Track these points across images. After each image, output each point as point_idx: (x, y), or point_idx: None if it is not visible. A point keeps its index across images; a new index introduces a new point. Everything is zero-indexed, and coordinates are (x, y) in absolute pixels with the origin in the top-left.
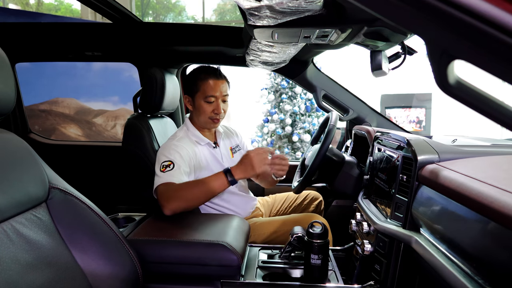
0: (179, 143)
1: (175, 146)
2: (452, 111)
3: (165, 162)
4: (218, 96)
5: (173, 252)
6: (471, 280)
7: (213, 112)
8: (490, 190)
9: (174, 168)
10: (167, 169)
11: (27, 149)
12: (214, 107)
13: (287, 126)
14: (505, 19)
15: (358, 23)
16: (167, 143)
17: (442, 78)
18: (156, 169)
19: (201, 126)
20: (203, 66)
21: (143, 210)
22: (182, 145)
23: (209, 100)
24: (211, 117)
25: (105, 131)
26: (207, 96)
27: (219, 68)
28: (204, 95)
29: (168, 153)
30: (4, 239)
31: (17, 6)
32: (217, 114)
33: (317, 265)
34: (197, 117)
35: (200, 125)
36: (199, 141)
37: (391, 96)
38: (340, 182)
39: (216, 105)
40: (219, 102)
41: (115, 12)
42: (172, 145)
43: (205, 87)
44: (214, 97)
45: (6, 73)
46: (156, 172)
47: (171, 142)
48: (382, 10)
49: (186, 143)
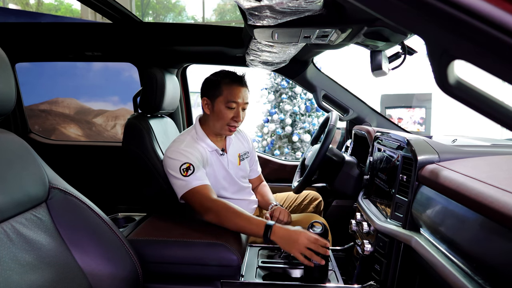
0: (188, 149)
1: (185, 151)
2: (452, 111)
3: (183, 166)
4: (240, 103)
5: (173, 252)
6: (471, 280)
7: (232, 119)
8: (490, 190)
9: (195, 171)
10: (189, 172)
11: (27, 149)
12: (235, 114)
13: (287, 126)
14: (505, 19)
15: (358, 23)
16: (175, 148)
17: (442, 78)
18: (175, 174)
19: (215, 132)
20: (228, 71)
21: (143, 210)
22: (191, 150)
23: (230, 105)
24: (229, 124)
25: (105, 131)
26: (230, 102)
27: (244, 75)
28: (226, 100)
29: (181, 157)
30: (4, 239)
31: (17, 6)
32: (236, 122)
33: (317, 265)
34: (214, 121)
35: (214, 131)
36: (207, 148)
37: (391, 96)
38: (340, 182)
39: (237, 112)
40: (240, 109)
41: (115, 12)
42: (182, 150)
43: (229, 92)
44: (236, 103)
45: (6, 73)
46: (178, 177)
47: (180, 147)
48: (382, 10)
49: (194, 148)
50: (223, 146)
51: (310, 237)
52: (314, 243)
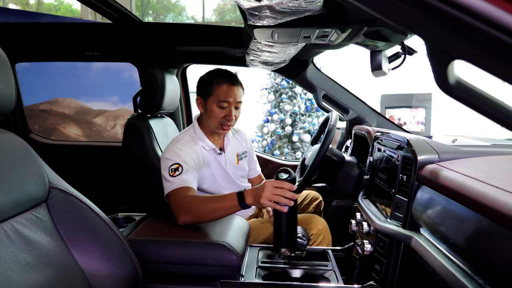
0: (183, 148)
1: (179, 150)
2: (452, 111)
3: (172, 166)
4: (231, 102)
5: (173, 252)
6: (471, 280)
7: (224, 118)
8: (490, 190)
9: (183, 172)
10: (176, 173)
11: (27, 149)
12: (226, 113)
13: (287, 126)
14: (505, 19)
15: (358, 23)
16: (172, 147)
17: (442, 78)
18: (164, 173)
19: (210, 131)
20: (220, 70)
21: (143, 210)
22: (186, 149)
23: (222, 105)
24: (221, 123)
25: (105, 131)
26: (220, 101)
27: (236, 74)
28: (217, 99)
29: (174, 157)
30: (4, 239)
31: (17, 6)
32: (228, 121)
33: (287, 212)
34: (207, 120)
35: (209, 129)
36: (204, 146)
37: (391, 96)
38: (340, 182)
39: (228, 111)
40: (232, 108)
41: (115, 12)
42: (177, 149)
43: (220, 92)
44: (227, 103)
45: (6, 73)
46: (166, 177)
47: (176, 146)
48: (382, 10)
49: (191, 147)
50: (221, 145)
51: (275, 182)
52: (279, 188)
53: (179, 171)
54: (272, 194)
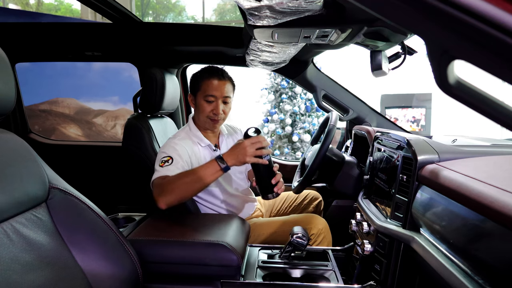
0: (179, 142)
1: (175, 144)
2: (452, 111)
3: (164, 158)
4: (218, 96)
5: (173, 252)
6: (471, 280)
7: (212, 112)
8: (490, 190)
9: (172, 163)
10: (165, 164)
11: (27, 149)
12: (213, 107)
13: (287, 126)
14: (505, 19)
15: (358, 23)
16: (168, 142)
17: (442, 78)
18: (156, 165)
19: (202, 126)
20: (208, 66)
21: (143, 210)
22: (182, 144)
23: (208, 99)
24: (210, 117)
25: (105, 131)
26: (207, 96)
27: (224, 69)
28: (204, 94)
29: (168, 150)
30: (4, 239)
31: (17, 6)
32: (215, 115)
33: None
34: (198, 116)
35: (200, 125)
36: (200, 142)
37: (391, 96)
38: (340, 182)
39: (215, 105)
40: (219, 102)
41: (115, 12)
42: (172, 143)
43: (206, 87)
44: (214, 97)
45: (6, 73)
46: (155, 168)
47: (172, 141)
48: (382, 10)
49: (186, 143)
50: (216, 142)
51: (251, 139)
52: (257, 143)
53: (169, 162)
54: (254, 150)
